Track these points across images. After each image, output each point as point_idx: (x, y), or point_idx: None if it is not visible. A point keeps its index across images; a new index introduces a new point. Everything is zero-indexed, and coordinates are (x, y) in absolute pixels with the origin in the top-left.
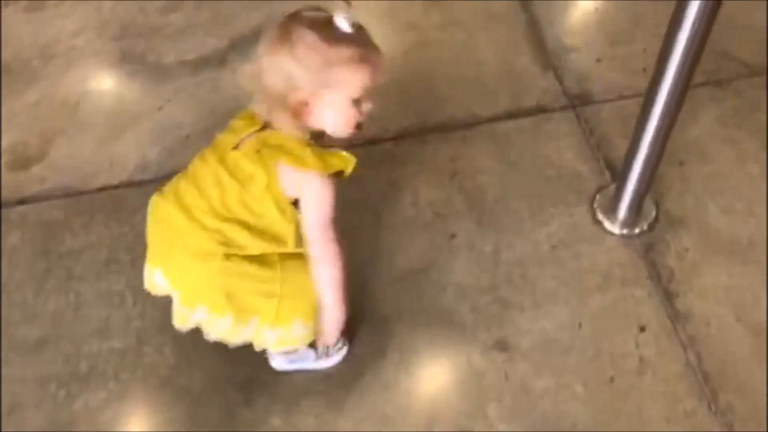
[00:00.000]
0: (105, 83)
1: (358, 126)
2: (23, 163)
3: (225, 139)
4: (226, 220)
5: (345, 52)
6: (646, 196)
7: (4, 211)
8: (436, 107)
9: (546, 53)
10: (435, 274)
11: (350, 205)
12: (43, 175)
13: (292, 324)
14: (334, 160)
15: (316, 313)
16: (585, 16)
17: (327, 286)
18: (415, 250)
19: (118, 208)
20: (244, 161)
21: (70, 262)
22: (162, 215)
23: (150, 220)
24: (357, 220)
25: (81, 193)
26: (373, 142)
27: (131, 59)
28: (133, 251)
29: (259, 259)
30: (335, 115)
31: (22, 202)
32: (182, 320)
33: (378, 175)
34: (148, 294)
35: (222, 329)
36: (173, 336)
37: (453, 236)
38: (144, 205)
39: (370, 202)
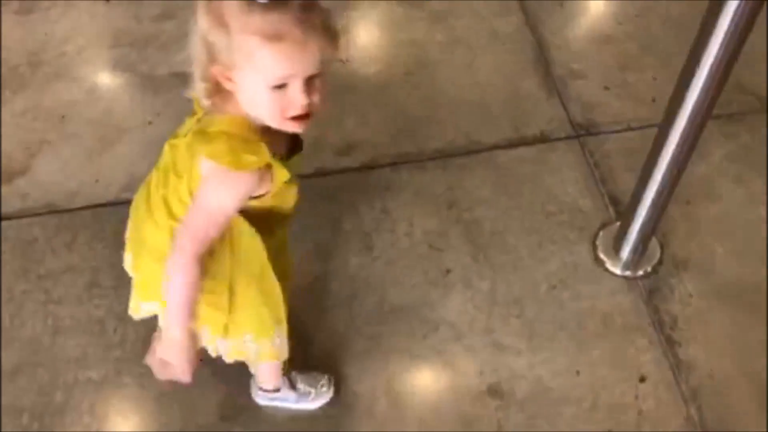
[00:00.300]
0: (94, 94)
1: (299, 118)
2: (6, 176)
3: (186, 123)
4: (174, 218)
5: (257, 23)
6: (652, 236)
7: None
8: (435, 132)
9: (552, 78)
10: (427, 311)
11: (341, 233)
12: (26, 190)
13: (243, 338)
14: (252, 159)
15: (270, 332)
16: (594, 41)
17: (168, 301)
18: (407, 285)
19: (103, 228)
20: (182, 152)
21: (49, 284)
22: (135, 203)
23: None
24: (348, 249)
25: (64, 210)
26: (368, 166)
27: (122, 69)
28: (117, 276)
29: (208, 269)
30: (255, 100)
31: (3, 218)
32: (134, 308)
33: (372, 202)
34: (130, 321)
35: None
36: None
37: (448, 271)
38: None
39: (363, 231)
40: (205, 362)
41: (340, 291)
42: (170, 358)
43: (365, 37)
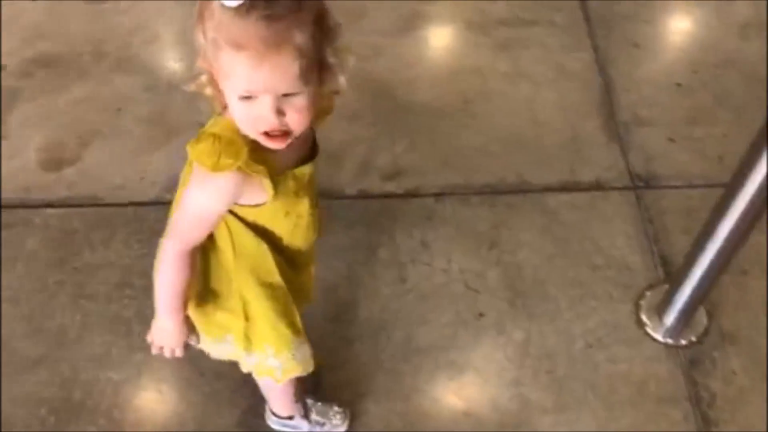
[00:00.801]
0: (151, 91)
1: (272, 136)
2: (56, 163)
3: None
4: None
5: (225, 26)
6: (700, 305)
7: (29, 212)
8: (485, 165)
9: (615, 123)
10: (455, 354)
11: (376, 260)
12: (73, 179)
13: (265, 350)
14: (229, 161)
15: (290, 344)
16: (664, 89)
17: (157, 291)
18: (437, 323)
19: (141, 227)
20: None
21: (83, 278)
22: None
23: None
24: (381, 278)
25: (107, 204)
26: (412, 194)
27: (182, 69)
28: (149, 277)
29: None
30: (230, 106)
31: (48, 205)
32: None
33: (412, 232)
34: None
35: (204, 339)
36: (174, 374)
37: (482, 315)
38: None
39: (398, 261)
40: (224, 378)
41: (369, 321)
42: (162, 343)
43: (427, 59)
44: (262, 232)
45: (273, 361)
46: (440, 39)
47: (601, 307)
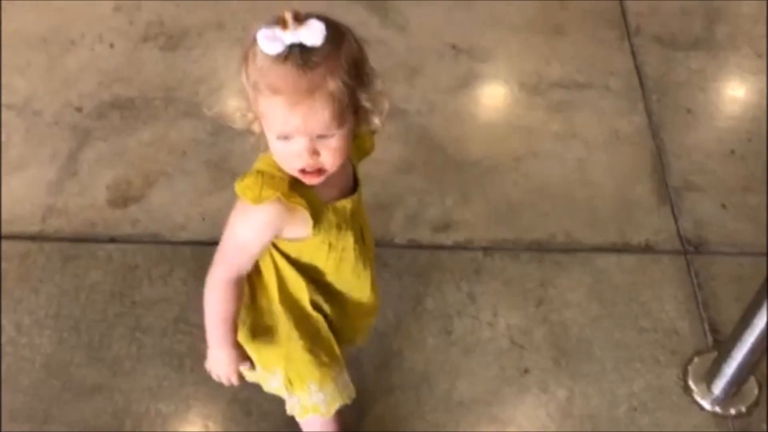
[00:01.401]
0: (215, 136)
1: (307, 172)
2: (123, 201)
3: None
4: None
5: (264, 70)
6: (750, 375)
7: (93, 246)
8: (536, 223)
9: (667, 187)
10: (497, 410)
11: (423, 311)
12: (138, 217)
13: (308, 388)
14: (268, 192)
15: (331, 372)
16: (718, 155)
17: (205, 320)
18: (481, 377)
19: (200, 265)
20: None
21: (141, 311)
22: None
23: None
24: (427, 329)
25: (168, 242)
26: (462, 247)
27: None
28: (203, 314)
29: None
30: (270, 144)
31: (112, 240)
32: None
33: (459, 284)
34: None
35: (257, 370)
36: (221, 411)
37: (526, 371)
38: None
39: (445, 313)
40: (270, 418)
41: (412, 371)
42: (216, 371)
43: (480, 117)
44: (307, 268)
45: (317, 396)
46: (494, 98)
47: (647, 371)
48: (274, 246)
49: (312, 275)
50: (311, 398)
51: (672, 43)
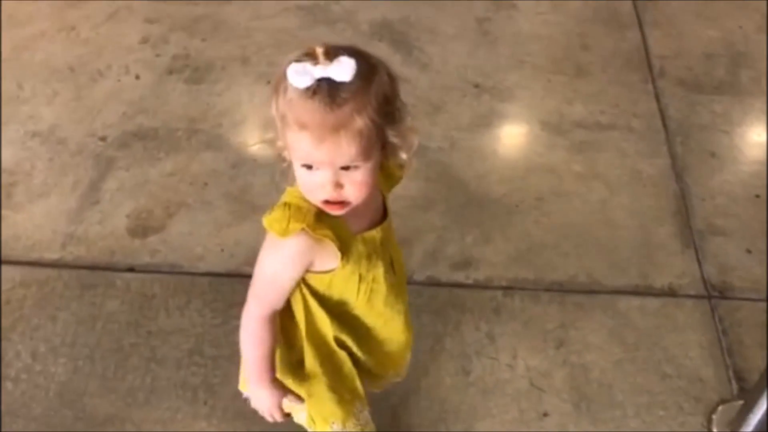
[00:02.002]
0: (237, 168)
1: (331, 204)
2: (143, 231)
3: None
4: None
5: (292, 103)
6: None
7: (111, 275)
8: (557, 263)
9: (690, 231)
10: None
11: (441, 350)
12: (157, 247)
13: (330, 426)
14: (296, 225)
15: (352, 408)
16: (742, 200)
17: (243, 357)
18: (499, 420)
19: (216, 297)
20: None
21: (157, 342)
22: None
23: None
24: (444, 368)
25: (186, 273)
26: (482, 286)
27: (267, 150)
28: (219, 346)
29: (291, 343)
30: (296, 174)
31: (131, 269)
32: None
33: (478, 324)
34: (221, 395)
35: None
36: None
37: (545, 415)
38: (243, 300)
39: (464, 353)
40: None
41: (429, 411)
42: (259, 408)
43: (501, 155)
44: (337, 303)
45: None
46: (515, 137)
47: (670, 418)
48: (304, 282)
49: (342, 310)
50: None
51: (696, 86)
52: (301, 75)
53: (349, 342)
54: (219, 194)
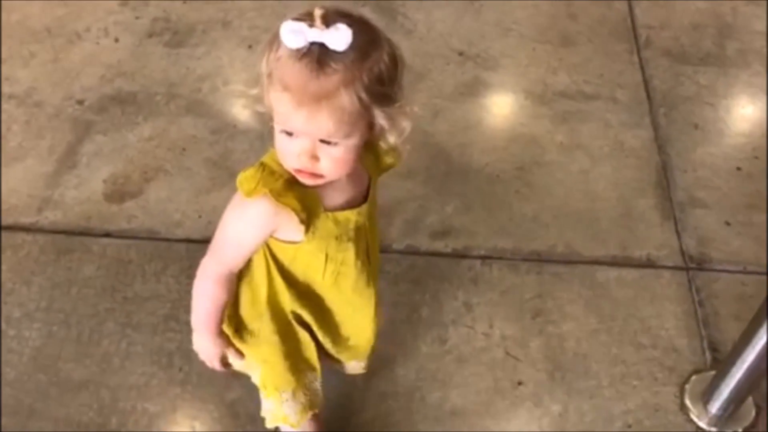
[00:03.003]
0: (216, 134)
1: (303, 173)
2: (120, 196)
3: None
4: None
5: (280, 62)
6: (748, 396)
7: (88, 240)
8: (536, 233)
9: (671, 202)
10: (489, 422)
11: (418, 319)
12: (134, 212)
13: (279, 396)
14: (261, 189)
15: (304, 386)
16: (724, 172)
17: (192, 310)
18: (474, 388)
19: (193, 264)
20: None
21: (132, 308)
22: None
23: None
24: (421, 337)
25: (163, 239)
26: (460, 255)
27: (246, 116)
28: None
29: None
30: (275, 138)
31: (107, 234)
32: None
33: (456, 293)
34: (196, 361)
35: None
36: (209, 413)
37: (520, 383)
38: None
39: (440, 322)
40: (258, 422)
41: (404, 379)
42: (201, 355)
43: (485, 125)
44: (301, 278)
45: (288, 406)
46: (499, 107)
47: (644, 388)
48: (269, 249)
49: (308, 288)
50: (282, 407)
51: (681, 58)
52: (294, 34)
53: (310, 320)
54: (198, 160)
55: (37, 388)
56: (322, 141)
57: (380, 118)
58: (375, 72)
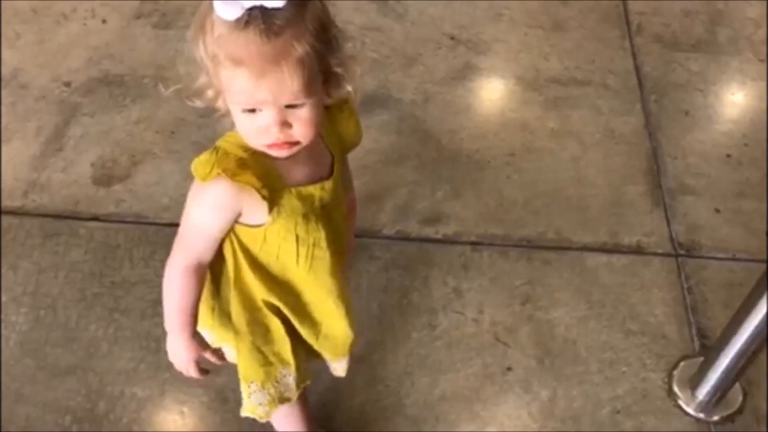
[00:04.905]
0: (204, 117)
1: (278, 146)
2: (107, 179)
3: None
4: None
5: (224, 40)
6: (736, 382)
7: (75, 223)
8: (526, 219)
9: (661, 189)
10: (479, 407)
11: (408, 304)
12: (121, 196)
13: (248, 387)
14: (215, 171)
15: (275, 373)
16: (714, 159)
17: (164, 305)
18: (464, 373)
19: None
20: None
21: (120, 293)
22: None
23: None
24: (411, 323)
25: (151, 223)
26: (450, 241)
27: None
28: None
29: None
30: (234, 119)
31: (95, 218)
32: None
33: (446, 279)
34: None
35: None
36: (197, 397)
37: (509, 369)
38: None
39: (430, 306)
40: None
41: (394, 365)
42: (173, 361)
43: (475, 110)
44: (280, 267)
45: (256, 397)
46: (490, 92)
47: (632, 374)
48: (235, 236)
49: (285, 277)
50: (251, 398)
51: (673, 44)
52: (229, 6)
53: (287, 311)
54: (186, 143)
55: (24, 373)
56: (288, 106)
57: (335, 66)
58: (316, 18)
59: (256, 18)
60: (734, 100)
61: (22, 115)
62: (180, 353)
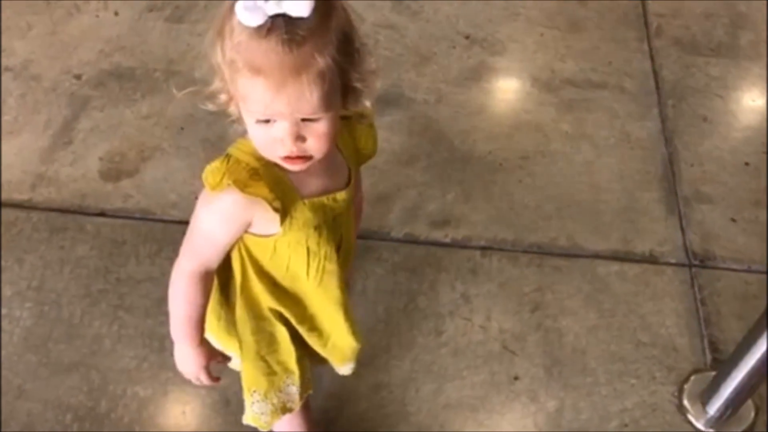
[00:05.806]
0: (215, 114)
1: (292, 159)
2: (116, 174)
3: None
4: None
5: (242, 47)
6: (748, 398)
7: (82, 218)
8: (537, 224)
9: (676, 197)
10: (484, 416)
11: (415, 309)
12: (129, 192)
13: (251, 396)
14: (225, 180)
15: (279, 383)
16: (732, 167)
17: (170, 313)
18: (469, 382)
19: None
20: None
21: (125, 290)
22: None
23: None
24: (417, 328)
25: (158, 220)
26: (459, 245)
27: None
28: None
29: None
30: (248, 129)
31: (102, 214)
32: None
33: (454, 284)
34: None
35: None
36: (199, 398)
37: (516, 378)
38: None
39: (437, 313)
40: None
41: (398, 370)
42: (182, 370)
43: (489, 111)
44: (291, 278)
45: (258, 407)
46: (504, 93)
47: (642, 387)
48: (244, 245)
49: (290, 290)
50: (253, 407)
51: (692, 48)
52: (251, 11)
53: (293, 319)
54: (195, 140)
55: (26, 369)
56: (304, 120)
57: (355, 80)
58: (340, 30)
59: (278, 26)
60: (754, 106)
61: (32, 107)
62: (188, 362)
